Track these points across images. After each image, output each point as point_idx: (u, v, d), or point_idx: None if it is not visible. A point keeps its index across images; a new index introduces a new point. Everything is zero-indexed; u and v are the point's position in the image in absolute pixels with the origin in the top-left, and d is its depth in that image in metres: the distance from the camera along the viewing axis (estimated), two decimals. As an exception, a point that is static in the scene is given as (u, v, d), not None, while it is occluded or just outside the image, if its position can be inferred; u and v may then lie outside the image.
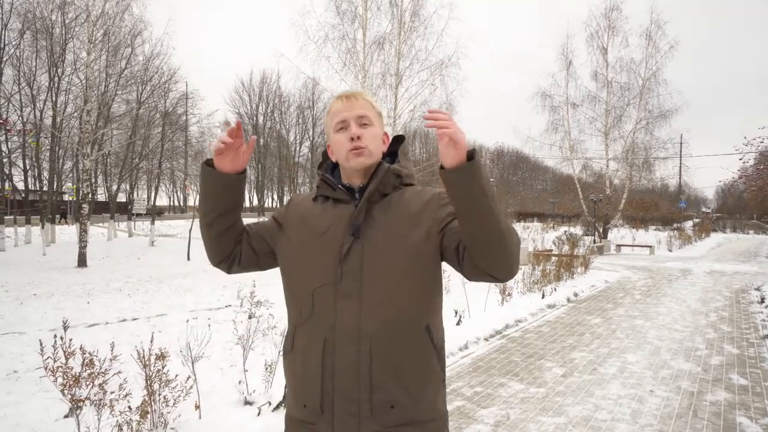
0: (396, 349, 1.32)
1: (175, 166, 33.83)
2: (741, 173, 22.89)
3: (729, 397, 4.51)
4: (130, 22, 17.51)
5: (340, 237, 1.37)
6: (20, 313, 7.89)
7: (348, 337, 1.32)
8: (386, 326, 1.32)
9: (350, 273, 1.34)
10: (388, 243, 1.35)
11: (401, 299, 1.34)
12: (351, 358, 1.31)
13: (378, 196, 1.41)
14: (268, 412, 3.82)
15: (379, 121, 1.47)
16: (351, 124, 1.40)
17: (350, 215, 1.39)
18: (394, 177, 1.43)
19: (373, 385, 1.31)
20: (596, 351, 6.02)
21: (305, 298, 1.39)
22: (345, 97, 1.44)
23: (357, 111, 1.42)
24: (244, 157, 1.42)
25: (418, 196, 1.43)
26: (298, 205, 1.53)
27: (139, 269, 13.78)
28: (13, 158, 20.85)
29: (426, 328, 1.37)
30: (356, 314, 1.32)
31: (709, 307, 9.04)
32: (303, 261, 1.42)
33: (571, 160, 25.47)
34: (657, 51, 23.85)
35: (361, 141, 1.39)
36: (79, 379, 3.02)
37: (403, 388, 1.32)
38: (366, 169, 1.42)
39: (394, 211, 1.39)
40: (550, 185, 69.23)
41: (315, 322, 1.37)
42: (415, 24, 16.18)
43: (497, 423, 3.88)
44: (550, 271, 11.26)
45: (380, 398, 1.31)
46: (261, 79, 45.44)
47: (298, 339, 1.41)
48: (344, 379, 1.32)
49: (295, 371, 1.41)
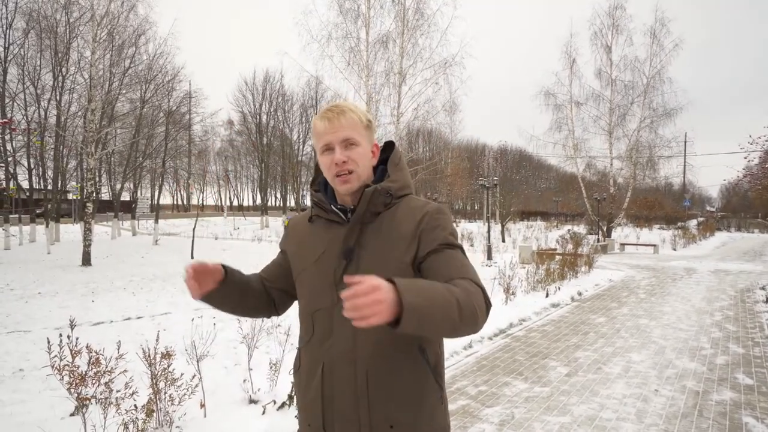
0: (391, 370, 1.33)
1: (179, 165, 33.91)
2: (746, 172, 22.77)
3: (735, 397, 4.49)
4: (135, 22, 17.54)
5: (335, 260, 1.38)
6: (25, 311, 7.92)
7: (343, 360, 1.34)
8: (381, 349, 1.33)
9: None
10: (379, 265, 1.33)
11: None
12: (348, 381, 1.34)
13: (370, 215, 1.39)
14: (273, 411, 3.82)
15: (366, 135, 1.42)
16: (336, 148, 1.37)
17: (344, 238, 1.38)
18: (384, 195, 1.40)
19: (371, 406, 1.33)
20: (601, 350, 6.00)
21: (307, 321, 1.44)
22: (327, 118, 1.38)
23: (341, 134, 1.37)
24: (215, 275, 1.41)
25: (408, 214, 1.40)
26: (294, 230, 1.56)
27: (143, 268, 13.82)
28: (17, 157, 20.93)
29: (420, 348, 1.36)
30: (351, 338, 1.33)
31: (714, 306, 9.00)
32: (305, 285, 1.46)
33: (574, 159, 25.42)
34: (661, 49, 23.80)
35: (347, 165, 1.36)
36: (86, 377, 3.04)
37: (401, 408, 1.34)
38: (356, 191, 1.40)
39: (386, 232, 1.38)
40: (554, 184, 69.04)
41: (315, 345, 1.41)
42: (419, 22, 16.15)
43: (502, 422, 3.88)
44: (554, 270, 11.24)
45: (379, 418, 1.33)
46: (264, 78, 45.44)
47: (303, 360, 1.46)
48: (343, 402, 1.34)
49: (300, 390, 1.47)
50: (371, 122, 1.46)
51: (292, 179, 42.94)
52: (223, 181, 64.26)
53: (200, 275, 1.36)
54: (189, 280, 1.35)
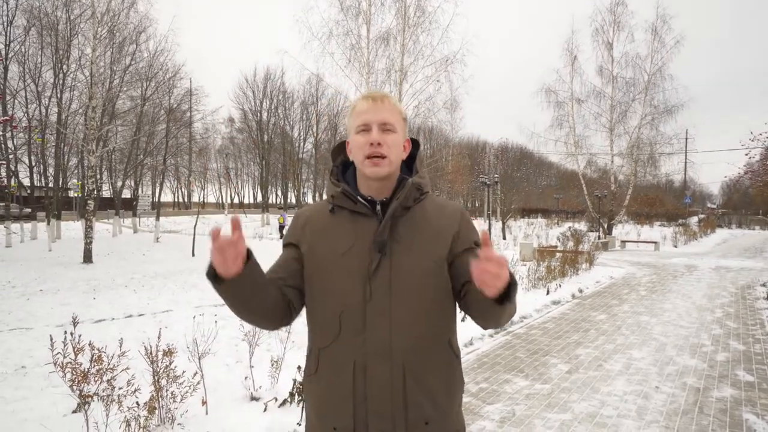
0: (427, 366, 1.33)
1: (180, 162, 33.90)
2: (747, 168, 22.73)
3: (735, 394, 4.49)
4: (135, 19, 17.55)
5: (366, 254, 1.33)
6: (27, 308, 7.94)
7: (379, 357, 1.30)
8: (417, 344, 1.32)
9: (379, 291, 1.31)
10: (414, 259, 1.33)
11: (429, 315, 1.34)
12: (384, 378, 1.30)
13: (401, 210, 1.37)
14: (275, 408, 3.83)
15: (402, 126, 1.42)
16: (373, 129, 1.35)
17: (374, 231, 1.34)
18: (416, 190, 1.40)
19: (407, 403, 1.30)
20: (601, 347, 6.01)
21: (331, 320, 1.34)
22: (372, 98, 1.39)
23: (382, 115, 1.36)
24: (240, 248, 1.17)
25: (440, 211, 1.43)
26: (310, 221, 1.43)
27: (144, 265, 13.84)
28: (18, 155, 20.95)
29: (448, 342, 1.39)
30: (387, 333, 1.30)
31: (715, 303, 9.01)
32: (327, 282, 1.36)
33: (575, 156, 25.39)
34: (663, 46, 23.76)
35: (381, 148, 1.34)
36: (88, 374, 3.05)
37: (435, 404, 1.34)
38: (384, 179, 1.37)
39: (419, 226, 1.38)
40: (555, 181, 68.95)
41: (342, 344, 1.32)
42: (420, 19, 16.13)
43: (503, 419, 3.89)
44: (554, 267, 11.24)
45: (415, 416, 1.31)
46: (265, 76, 45.37)
47: (323, 362, 1.36)
48: (378, 400, 1.30)
49: (321, 395, 1.37)
50: (406, 119, 1.47)
51: (293, 177, 42.94)
52: (224, 179, 64.27)
53: (227, 247, 1.13)
54: (219, 250, 1.12)
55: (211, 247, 1.13)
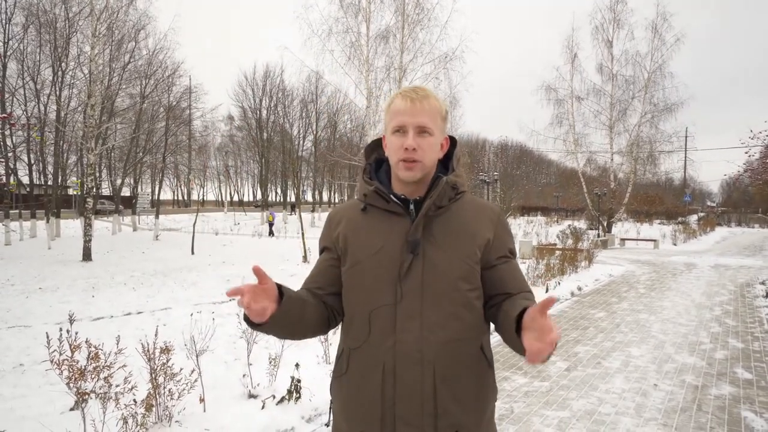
0: (458, 371, 1.28)
1: (179, 160, 33.89)
2: (746, 167, 22.73)
3: (734, 391, 4.49)
4: (134, 17, 17.53)
5: (398, 254, 1.29)
6: (26, 306, 7.94)
7: (409, 360, 1.26)
8: (448, 348, 1.27)
9: (411, 293, 1.27)
10: (448, 260, 1.29)
11: (462, 319, 1.30)
12: (414, 383, 1.25)
13: (434, 209, 1.32)
14: (272, 406, 3.83)
15: (441, 126, 1.36)
16: (409, 132, 1.30)
17: (406, 230, 1.30)
18: (451, 189, 1.35)
19: (438, 410, 1.26)
20: (600, 345, 6.01)
21: (362, 321, 1.32)
22: (410, 98, 1.32)
23: (419, 119, 1.30)
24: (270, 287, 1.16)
25: (477, 212, 1.38)
26: (342, 222, 1.41)
27: (143, 263, 13.83)
28: (17, 153, 20.92)
29: (481, 347, 1.35)
30: (418, 336, 1.26)
31: (714, 301, 9.01)
32: (358, 281, 1.34)
33: (575, 154, 25.39)
34: (663, 44, 23.74)
35: (415, 153, 1.29)
36: (85, 372, 3.04)
37: (466, 410, 1.29)
38: (418, 180, 1.33)
39: (454, 226, 1.33)
40: (554, 179, 68.99)
41: (372, 345, 1.30)
42: (419, 16, 16.11)
43: (501, 416, 3.89)
44: (554, 265, 11.25)
45: (445, 423, 1.26)
46: (264, 73, 45.32)
47: (354, 362, 1.34)
48: (406, 405, 1.26)
49: (349, 396, 1.35)
50: (448, 114, 1.42)
51: (293, 174, 42.91)
52: (224, 177, 64.25)
53: (258, 293, 1.13)
54: (249, 302, 1.10)
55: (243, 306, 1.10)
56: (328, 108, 43.14)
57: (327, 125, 45.11)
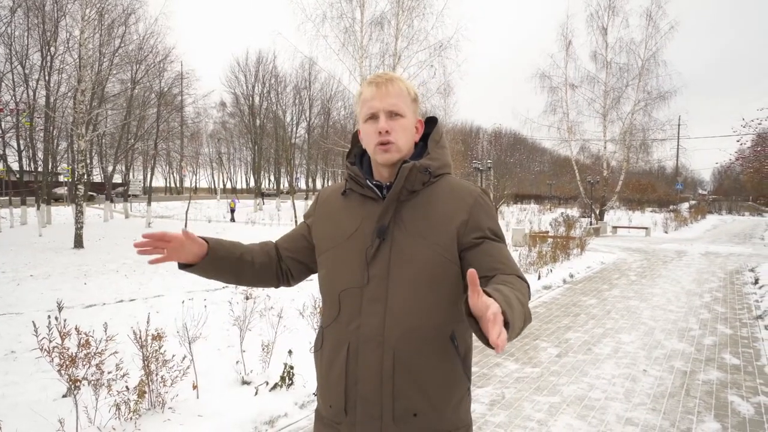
0: (420, 357, 1.28)
1: (171, 146, 33.62)
2: (738, 155, 22.89)
3: (721, 377, 4.56)
4: (124, 1, 17.25)
5: (368, 238, 1.32)
6: (17, 293, 7.89)
7: (371, 343, 1.28)
8: (410, 334, 1.28)
9: (377, 277, 1.29)
10: (416, 246, 1.29)
11: (428, 306, 1.29)
12: (374, 365, 1.28)
13: (406, 193, 1.32)
14: (266, 392, 3.85)
15: (412, 108, 1.37)
16: (380, 116, 1.31)
17: (379, 215, 1.32)
18: (423, 173, 1.33)
19: (395, 392, 1.28)
20: (591, 331, 6.07)
21: (332, 300, 1.36)
22: (376, 83, 1.33)
23: (388, 101, 1.31)
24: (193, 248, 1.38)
25: (451, 194, 1.35)
26: (325, 203, 1.47)
27: (135, 250, 13.76)
28: (6, 138, 20.66)
29: (451, 336, 1.31)
30: (380, 320, 1.28)
31: (704, 288, 9.10)
32: (332, 262, 1.38)
33: (568, 142, 25.40)
34: (657, 31, 23.67)
35: (389, 135, 1.31)
36: (76, 359, 3.03)
37: (426, 398, 1.29)
38: (395, 164, 1.34)
39: (423, 211, 1.32)
40: (548, 167, 69.13)
41: (341, 324, 1.34)
42: (414, 3, 15.94)
43: (492, 402, 3.93)
44: (546, 252, 11.31)
45: (403, 406, 1.28)
46: (257, 59, 44.94)
47: (327, 340, 1.39)
48: (367, 385, 1.29)
49: (323, 371, 1.40)
50: (418, 96, 1.41)
51: (286, 162, 42.72)
52: (216, 164, 63.85)
53: (159, 244, 1.35)
54: (145, 248, 1.36)
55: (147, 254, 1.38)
56: (321, 95, 42.86)
57: (320, 112, 44.87)
